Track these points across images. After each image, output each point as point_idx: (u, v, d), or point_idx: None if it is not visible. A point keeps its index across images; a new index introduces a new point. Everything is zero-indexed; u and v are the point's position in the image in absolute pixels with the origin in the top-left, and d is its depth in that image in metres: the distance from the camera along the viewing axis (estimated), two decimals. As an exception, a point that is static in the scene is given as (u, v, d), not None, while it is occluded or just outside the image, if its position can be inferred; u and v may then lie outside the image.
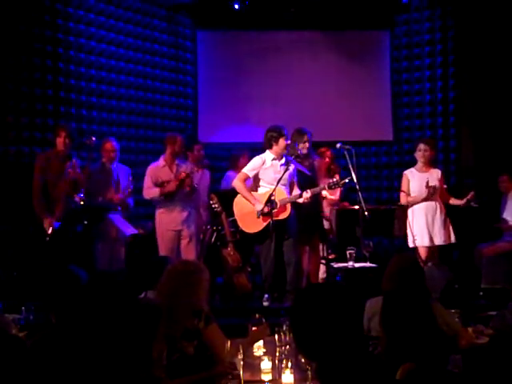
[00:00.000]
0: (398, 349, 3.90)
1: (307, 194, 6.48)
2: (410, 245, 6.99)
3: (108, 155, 7.42)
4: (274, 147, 6.64)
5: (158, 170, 7.31)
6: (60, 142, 6.93)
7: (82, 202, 6.83)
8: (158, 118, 9.51)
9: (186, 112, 9.88)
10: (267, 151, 6.71)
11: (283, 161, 6.67)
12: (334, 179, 6.75)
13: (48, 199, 6.87)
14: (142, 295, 4.81)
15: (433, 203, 6.93)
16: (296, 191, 6.67)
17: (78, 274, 4.05)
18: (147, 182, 7.30)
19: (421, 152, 7.04)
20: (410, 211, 6.97)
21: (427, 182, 6.85)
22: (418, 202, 6.92)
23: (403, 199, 7.06)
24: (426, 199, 6.90)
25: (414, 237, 6.85)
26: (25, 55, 7.89)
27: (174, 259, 6.72)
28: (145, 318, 3.14)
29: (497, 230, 7.94)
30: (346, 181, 6.57)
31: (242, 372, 3.42)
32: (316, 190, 6.73)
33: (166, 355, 3.51)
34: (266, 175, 6.67)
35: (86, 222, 6.93)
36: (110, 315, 3.04)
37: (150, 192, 7.26)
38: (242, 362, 3.43)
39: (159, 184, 7.22)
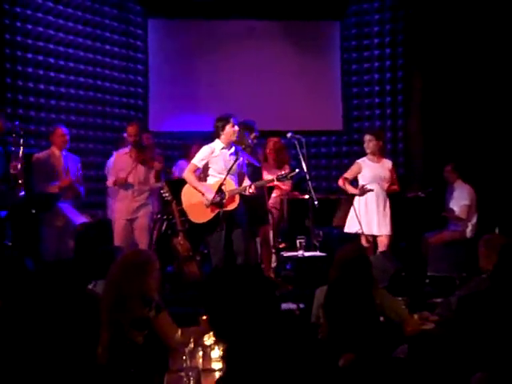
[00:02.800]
0: (340, 337, 3.99)
1: (251, 189, 6.46)
2: (346, 230, 7.10)
3: (59, 141, 7.27)
4: (222, 136, 6.60)
5: (120, 156, 7.40)
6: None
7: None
8: (108, 106, 9.41)
9: (136, 100, 9.79)
10: (216, 140, 6.66)
11: (232, 150, 6.64)
12: (283, 172, 6.77)
13: None
14: (92, 284, 4.78)
15: (384, 194, 7.03)
16: (246, 182, 6.65)
17: (25, 262, 4.01)
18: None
19: (366, 143, 7.15)
20: (358, 199, 7.03)
21: (363, 186, 6.98)
22: (349, 194, 7.05)
23: (342, 182, 7.12)
24: (357, 195, 7.02)
25: (360, 224, 6.91)
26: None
27: (128, 248, 6.70)
28: (85, 308, 3.13)
29: (443, 219, 8.11)
30: (295, 173, 6.58)
31: (201, 361, 3.41)
32: (262, 182, 6.77)
33: (116, 344, 3.50)
34: (215, 164, 6.63)
35: (33, 211, 6.82)
36: (53, 304, 3.03)
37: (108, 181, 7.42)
38: (201, 353, 3.42)
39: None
